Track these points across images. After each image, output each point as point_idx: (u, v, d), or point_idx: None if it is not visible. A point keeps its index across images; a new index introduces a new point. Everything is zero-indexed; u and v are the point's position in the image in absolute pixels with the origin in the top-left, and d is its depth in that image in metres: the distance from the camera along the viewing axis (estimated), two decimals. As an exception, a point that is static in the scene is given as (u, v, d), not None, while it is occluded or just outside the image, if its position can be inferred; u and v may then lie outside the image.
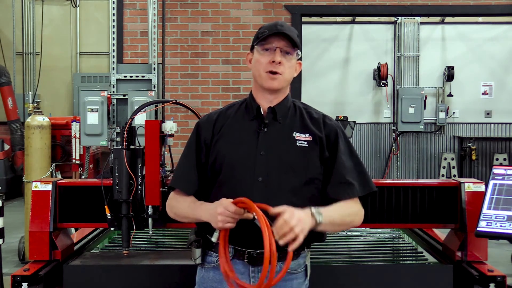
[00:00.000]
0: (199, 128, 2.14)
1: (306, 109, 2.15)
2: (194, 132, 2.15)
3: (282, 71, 2.02)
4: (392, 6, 8.65)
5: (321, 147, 2.06)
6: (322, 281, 2.78)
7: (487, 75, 10.37)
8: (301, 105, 2.17)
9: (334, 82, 10.42)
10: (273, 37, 2.02)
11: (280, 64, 2.01)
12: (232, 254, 2.01)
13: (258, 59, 2.05)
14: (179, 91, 8.40)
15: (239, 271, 2.01)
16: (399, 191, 2.98)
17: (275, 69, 2.01)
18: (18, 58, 10.71)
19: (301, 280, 2.09)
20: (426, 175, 10.45)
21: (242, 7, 8.46)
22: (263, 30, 2.05)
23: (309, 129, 2.07)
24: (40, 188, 2.90)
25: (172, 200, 2.15)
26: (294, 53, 2.05)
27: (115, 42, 5.84)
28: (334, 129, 2.10)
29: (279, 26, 2.03)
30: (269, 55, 2.02)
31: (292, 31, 2.05)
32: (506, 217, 2.67)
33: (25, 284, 2.64)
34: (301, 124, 2.08)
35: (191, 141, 2.15)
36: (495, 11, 8.69)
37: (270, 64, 2.02)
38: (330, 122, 2.12)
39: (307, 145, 2.04)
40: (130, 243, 2.86)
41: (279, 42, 2.02)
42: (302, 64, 2.16)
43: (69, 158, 5.81)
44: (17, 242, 5.72)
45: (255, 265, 2.00)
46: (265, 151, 2.02)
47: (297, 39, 2.05)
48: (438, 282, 2.83)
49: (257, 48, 2.06)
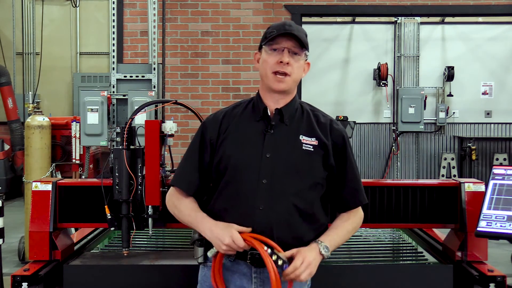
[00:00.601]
0: (204, 128, 2.12)
1: (314, 111, 2.14)
2: (200, 131, 2.13)
3: (290, 71, 2.00)
4: (392, 6, 8.66)
5: (325, 153, 2.05)
6: (322, 281, 2.77)
7: (487, 75, 10.36)
8: (308, 107, 2.15)
9: (334, 82, 10.42)
10: (281, 37, 2.00)
11: (288, 64, 2.00)
12: (235, 255, 1.99)
13: (265, 59, 2.03)
14: (179, 91, 8.40)
15: (242, 272, 2.01)
16: (399, 191, 2.98)
17: (282, 69, 2.00)
18: (18, 58, 10.71)
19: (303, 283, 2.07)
20: (426, 175, 10.45)
21: (242, 7, 8.46)
22: (271, 30, 2.03)
23: (315, 133, 2.06)
24: (40, 188, 2.90)
25: (173, 197, 2.13)
26: (302, 54, 2.04)
27: (115, 42, 5.84)
28: (341, 135, 2.10)
29: (287, 26, 2.02)
30: (276, 55, 2.01)
31: (300, 31, 2.04)
32: (506, 217, 2.67)
33: (25, 284, 2.64)
34: (308, 128, 2.07)
35: (195, 141, 2.13)
36: (495, 11, 8.70)
37: (278, 65, 2.00)
38: (337, 127, 2.11)
39: (312, 149, 2.02)
40: (130, 243, 2.86)
41: (287, 42, 2.00)
42: (310, 64, 2.14)
43: (69, 158, 5.81)
44: (17, 242, 5.72)
45: (258, 266, 1.98)
46: (270, 153, 2.00)
47: (305, 39, 2.04)
48: (438, 282, 2.83)
49: (265, 48, 2.04)
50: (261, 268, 1.97)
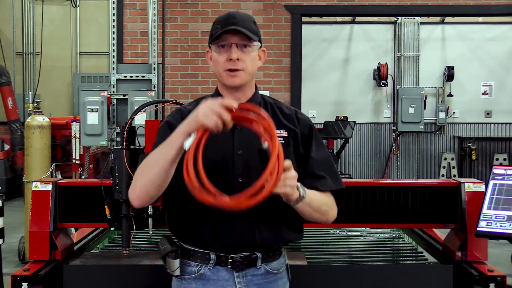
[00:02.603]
0: (170, 125, 1.93)
1: (277, 104, 2.06)
2: (166, 129, 1.93)
3: (242, 66, 1.90)
4: (392, 6, 8.67)
5: (295, 142, 1.98)
6: (322, 281, 2.78)
7: (487, 75, 10.37)
8: (271, 100, 2.07)
9: (334, 82, 10.42)
10: (227, 34, 1.90)
11: (239, 60, 1.89)
12: (214, 261, 1.91)
13: (215, 58, 1.93)
14: (179, 91, 8.41)
15: (223, 279, 1.91)
16: (399, 191, 2.98)
17: (234, 66, 1.89)
18: (18, 58, 10.71)
19: (285, 279, 2.03)
20: (426, 175, 10.45)
21: (242, 7, 8.47)
22: (216, 26, 1.93)
23: (283, 124, 1.98)
24: (40, 188, 2.89)
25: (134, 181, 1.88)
26: (252, 45, 1.92)
27: (115, 42, 5.85)
28: (307, 124, 2.03)
29: (231, 19, 1.91)
30: (225, 52, 1.90)
31: (246, 21, 1.92)
32: (506, 217, 2.67)
33: (25, 284, 2.63)
34: (275, 120, 1.91)
35: (162, 138, 1.86)
36: (495, 11, 8.71)
37: (228, 62, 1.89)
38: (302, 117, 2.04)
39: (283, 141, 1.94)
40: (130, 243, 2.86)
41: (233, 37, 1.89)
42: (266, 51, 2.03)
43: (69, 158, 5.81)
44: (17, 242, 5.72)
45: (239, 270, 1.91)
46: (242, 150, 1.91)
47: (253, 28, 1.93)
48: (438, 282, 2.83)
49: (212, 46, 1.95)
50: (243, 272, 1.92)
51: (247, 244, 1.90)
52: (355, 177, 10.14)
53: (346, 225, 3.31)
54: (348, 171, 10.30)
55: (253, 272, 1.93)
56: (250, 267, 1.93)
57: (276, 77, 8.51)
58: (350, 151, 10.31)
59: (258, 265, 1.93)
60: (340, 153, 8.16)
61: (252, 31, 1.91)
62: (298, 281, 2.74)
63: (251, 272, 1.93)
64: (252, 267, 1.93)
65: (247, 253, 1.92)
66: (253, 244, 1.90)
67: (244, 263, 1.91)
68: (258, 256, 1.93)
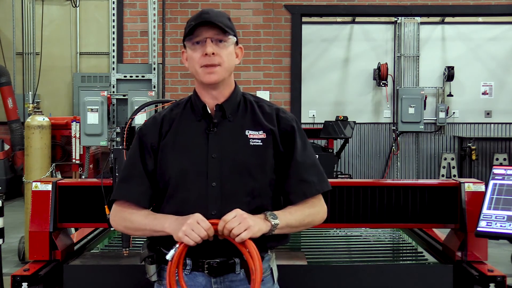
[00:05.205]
0: (142, 134, 1.95)
1: (258, 102, 1.98)
2: (137, 139, 1.95)
3: (219, 61, 1.85)
4: (392, 6, 8.66)
5: (275, 143, 1.90)
6: (322, 281, 2.78)
7: (487, 75, 10.37)
8: (252, 98, 1.99)
9: (334, 82, 10.42)
10: (200, 28, 1.85)
11: (215, 55, 1.84)
12: (191, 266, 1.85)
13: (191, 56, 1.89)
14: (179, 91, 8.40)
15: (200, 284, 1.86)
16: (399, 191, 2.98)
17: (210, 62, 1.84)
18: (18, 58, 10.71)
19: (269, 285, 1.94)
20: (426, 175, 10.45)
21: (242, 7, 8.47)
22: (189, 23, 1.89)
23: (262, 125, 1.90)
24: (40, 188, 2.90)
25: (121, 213, 1.93)
26: (228, 39, 1.87)
27: (115, 42, 5.85)
28: (290, 123, 1.94)
29: (204, 15, 1.86)
30: (200, 48, 1.86)
31: (220, 16, 1.87)
32: (506, 217, 2.67)
33: (25, 284, 2.63)
34: (253, 121, 1.91)
35: (134, 150, 1.94)
36: (495, 11, 8.70)
37: (204, 58, 1.84)
38: (285, 115, 1.95)
39: (261, 143, 1.87)
40: (130, 243, 2.86)
41: (207, 32, 1.85)
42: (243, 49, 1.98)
43: (69, 158, 5.81)
44: (17, 242, 5.72)
45: (216, 275, 1.85)
46: (216, 153, 1.85)
47: (228, 23, 1.88)
48: (438, 282, 2.83)
49: (187, 44, 1.90)
50: (221, 277, 1.86)
51: (223, 249, 1.82)
52: (355, 177, 10.14)
53: (346, 225, 3.30)
54: (348, 171, 10.30)
55: (231, 277, 1.86)
56: (229, 273, 1.86)
57: (276, 77, 8.52)
58: (350, 151, 10.31)
59: (236, 271, 1.86)
60: (340, 153, 8.15)
61: (226, 25, 1.86)
62: (298, 281, 2.75)
63: (229, 278, 1.86)
64: (230, 272, 1.86)
65: (224, 258, 1.84)
66: (230, 250, 1.80)
67: (222, 268, 1.84)
68: (236, 262, 1.85)
